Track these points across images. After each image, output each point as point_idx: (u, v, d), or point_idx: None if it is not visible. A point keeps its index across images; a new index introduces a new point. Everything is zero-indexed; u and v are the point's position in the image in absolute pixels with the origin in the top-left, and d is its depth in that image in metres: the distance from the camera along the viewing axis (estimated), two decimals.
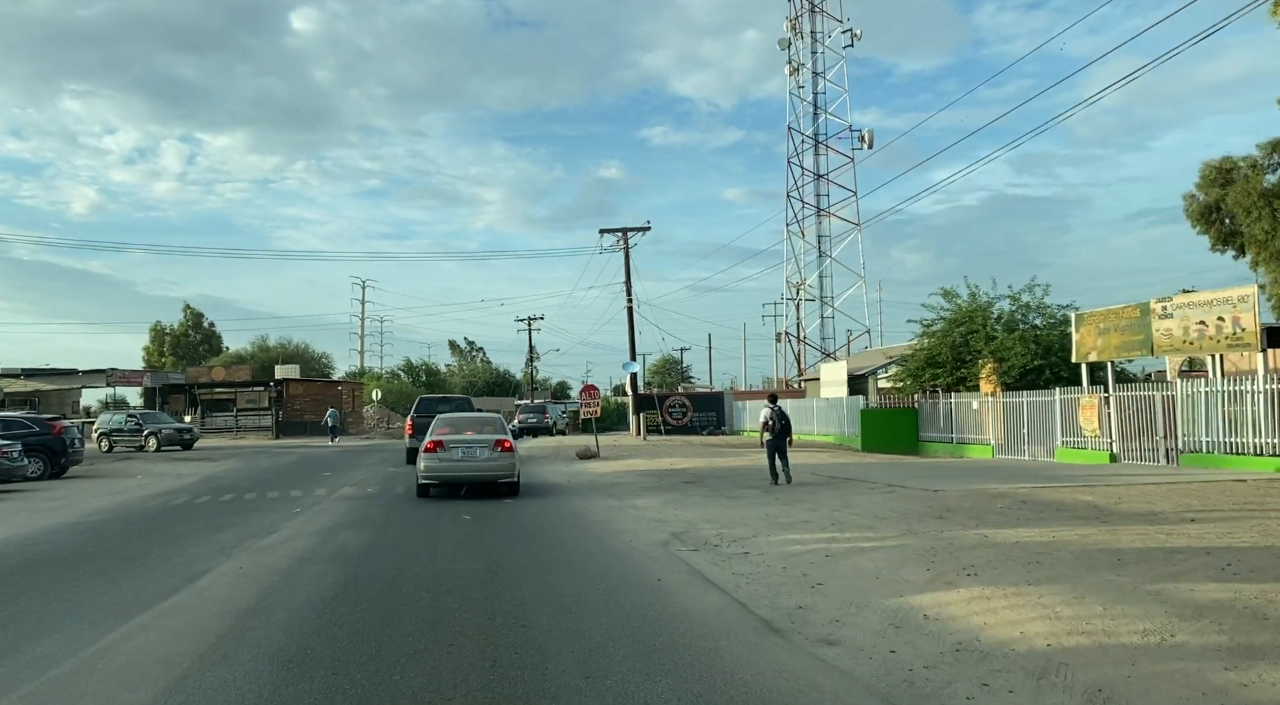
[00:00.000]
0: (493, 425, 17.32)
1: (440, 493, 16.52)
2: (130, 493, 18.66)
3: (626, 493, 16.57)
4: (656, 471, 21.74)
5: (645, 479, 19.60)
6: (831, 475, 19.13)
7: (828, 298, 56.97)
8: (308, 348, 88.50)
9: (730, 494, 15.69)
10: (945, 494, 13.95)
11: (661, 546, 10.26)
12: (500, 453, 15.82)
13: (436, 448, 15.83)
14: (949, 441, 28.57)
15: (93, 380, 55.48)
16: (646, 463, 24.86)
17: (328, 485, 19.30)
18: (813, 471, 20.02)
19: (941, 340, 28.71)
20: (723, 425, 45.10)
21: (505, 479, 15.98)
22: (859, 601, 7.13)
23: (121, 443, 37.40)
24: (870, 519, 11.70)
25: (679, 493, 16.20)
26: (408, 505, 15.22)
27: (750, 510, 13.20)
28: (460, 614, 6.97)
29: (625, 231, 44.66)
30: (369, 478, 21.45)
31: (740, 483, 17.84)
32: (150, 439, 36.62)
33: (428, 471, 15.87)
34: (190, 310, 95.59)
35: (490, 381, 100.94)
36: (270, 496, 17.07)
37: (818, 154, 57.47)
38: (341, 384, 62.11)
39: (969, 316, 28.51)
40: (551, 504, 15.19)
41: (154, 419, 38.95)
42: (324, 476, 22.04)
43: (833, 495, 14.76)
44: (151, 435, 36.68)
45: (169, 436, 36.93)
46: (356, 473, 23.35)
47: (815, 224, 57.22)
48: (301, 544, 10.72)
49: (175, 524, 13.16)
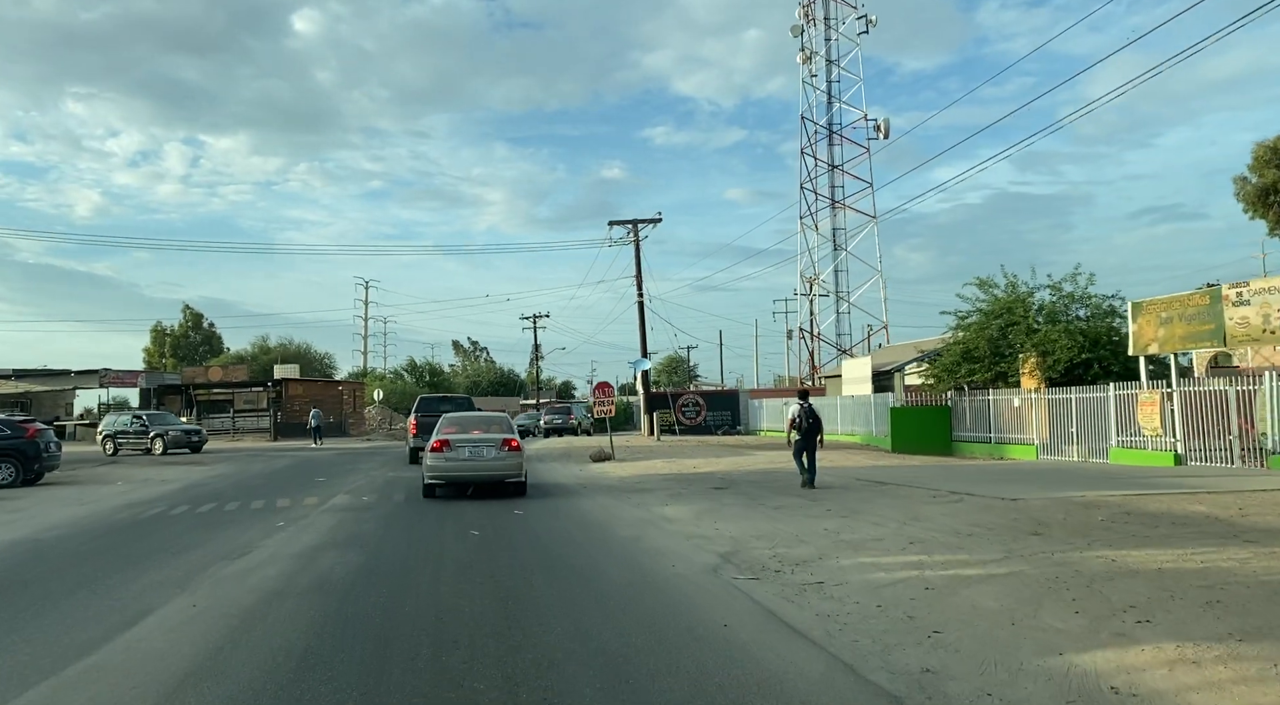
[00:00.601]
0: (500, 424, 16.74)
1: (446, 493, 15.99)
2: (102, 502, 16.88)
3: (652, 501, 14.75)
4: (680, 475, 19.92)
5: (669, 484, 17.78)
6: (877, 480, 17.29)
7: (843, 293, 55.10)
8: (309, 348, 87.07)
9: (771, 502, 13.86)
10: (1027, 504, 12.11)
11: (712, 573, 8.44)
12: (508, 452, 15.51)
13: (443, 447, 15.49)
14: (986, 441, 26.72)
15: (86, 381, 53.81)
16: (666, 465, 23.05)
17: (320, 493, 17.50)
18: (856, 476, 18.22)
19: (978, 333, 26.82)
20: (738, 425, 43.27)
21: (513, 479, 15.69)
22: (1004, 662, 5.30)
23: (128, 445, 35.37)
24: (953, 536, 9.87)
25: (712, 501, 14.38)
26: (408, 516, 13.43)
27: (803, 523, 11.37)
28: (471, 681, 5.16)
29: (635, 223, 42.85)
30: (367, 484, 19.65)
31: (778, 488, 16.02)
32: (156, 441, 34.59)
33: (434, 471, 15.53)
34: (190, 311, 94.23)
35: (495, 381, 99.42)
36: (254, 507, 15.28)
37: (832, 144, 55.64)
38: (342, 384, 60.37)
39: (1008, 308, 26.62)
40: (569, 514, 13.38)
41: (160, 420, 36.77)
42: (318, 483, 20.25)
43: (891, 505, 12.93)
44: (158, 437, 34.63)
45: (176, 439, 34.93)
46: (354, 478, 21.55)
47: (830, 216, 55.36)
48: (276, 570, 8.91)
49: (137, 542, 11.35)
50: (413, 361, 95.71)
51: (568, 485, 18.77)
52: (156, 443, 34.59)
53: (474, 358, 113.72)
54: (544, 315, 77.04)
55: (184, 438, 35.28)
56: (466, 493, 15.96)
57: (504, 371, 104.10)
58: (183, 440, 35.10)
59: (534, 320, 76.58)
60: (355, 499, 16.17)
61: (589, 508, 14.35)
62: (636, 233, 42.73)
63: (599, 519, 12.82)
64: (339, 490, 17.99)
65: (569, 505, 14.76)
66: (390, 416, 67.74)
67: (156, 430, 34.99)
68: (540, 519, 12.86)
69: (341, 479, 21.22)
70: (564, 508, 14.38)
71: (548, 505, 14.67)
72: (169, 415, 40.13)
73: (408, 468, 24.21)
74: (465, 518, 13.04)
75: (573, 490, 17.51)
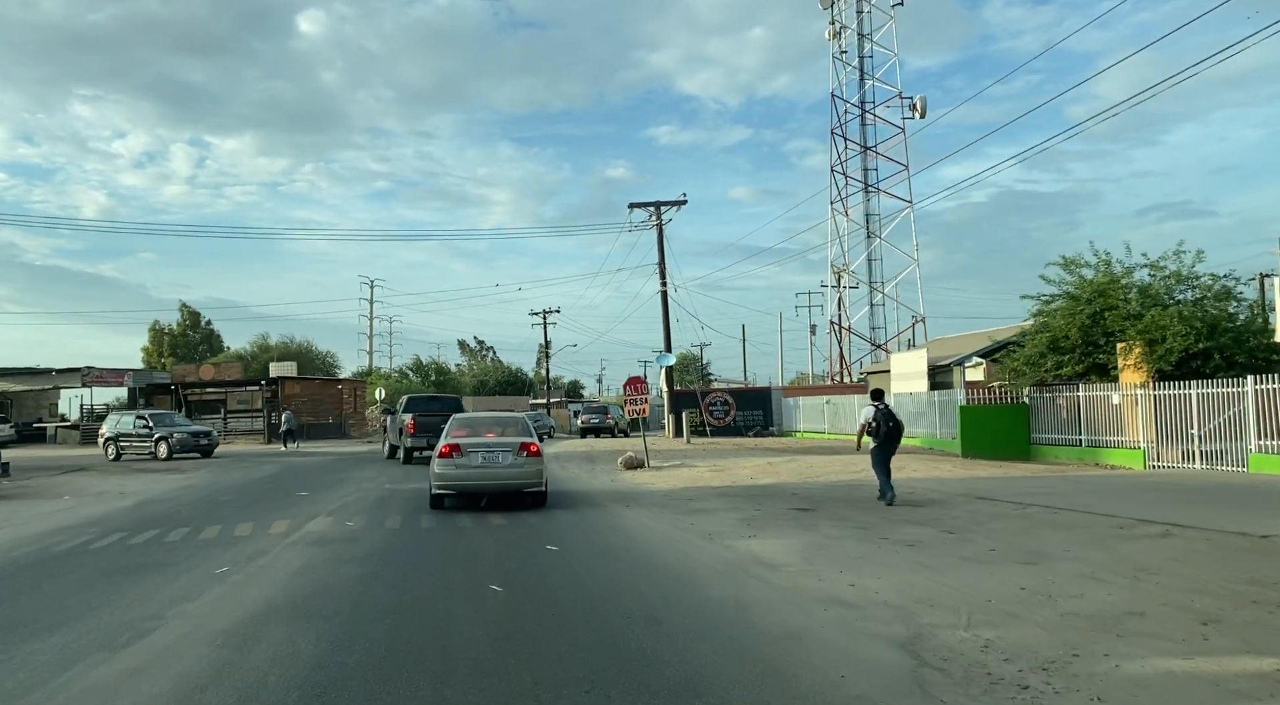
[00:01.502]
0: (516, 426, 15.14)
1: (456, 503, 14.20)
2: (23, 526, 13.38)
3: (725, 528, 11.18)
4: (738, 488, 16.36)
5: (732, 501, 14.21)
6: (990, 496, 13.70)
7: (876, 283, 51.44)
8: (310, 346, 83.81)
9: (894, 533, 10.27)
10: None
11: (917, 695, 4.86)
12: (526, 458, 13.77)
13: (453, 452, 13.69)
14: (1073, 444, 23.15)
15: (68, 380, 50.41)
16: (713, 474, 19.48)
17: (296, 513, 13.96)
18: (954, 490, 14.66)
19: (1069, 320, 23.14)
20: (770, 425, 39.67)
21: (532, 488, 13.92)
22: None
23: (132, 449, 31.73)
24: (1247, 606, 6.29)
25: (807, 530, 10.81)
26: (402, 555, 9.88)
27: (977, 576, 7.78)
28: None
29: (658, 205, 39.33)
30: (356, 499, 16.12)
31: (882, 510, 12.46)
32: (161, 445, 30.91)
33: (443, 480, 13.75)
34: (187, 309, 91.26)
35: (502, 380, 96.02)
36: (204, 536, 11.73)
37: (864, 124, 51.97)
38: (342, 382, 56.85)
39: (1101, 291, 22.97)
40: (622, 551, 9.80)
41: (167, 421, 32.98)
42: (298, 498, 16.71)
43: (1073, 541, 9.32)
44: (162, 440, 30.92)
45: (183, 442, 31.21)
46: (342, 491, 18.03)
47: (862, 202, 51.71)
48: (171, 679, 5.35)
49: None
50: (418, 360, 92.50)
51: (603, 500, 15.22)
52: (161, 446, 30.97)
53: (480, 357, 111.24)
54: (554, 311, 73.56)
55: (192, 440, 31.52)
56: (480, 504, 14.09)
57: (511, 370, 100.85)
58: (190, 443, 31.37)
59: (544, 316, 73.11)
60: (337, 524, 12.61)
61: (645, 539, 10.77)
62: (659, 215, 39.21)
63: (667, 560, 9.23)
64: (320, 510, 14.44)
65: (616, 533, 11.17)
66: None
67: (161, 432, 31.30)
68: (584, 560, 9.29)
69: (327, 492, 17.69)
70: (611, 538, 10.80)
71: (587, 533, 11.11)
72: (177, 416, 35.97)
73: (406, 478, 20.71)
74: (480, 557, 9.50)
75: (612, 508, 13.96)
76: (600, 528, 11.81)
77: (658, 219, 39.06)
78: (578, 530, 11.53)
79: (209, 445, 31.97)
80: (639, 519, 12.67)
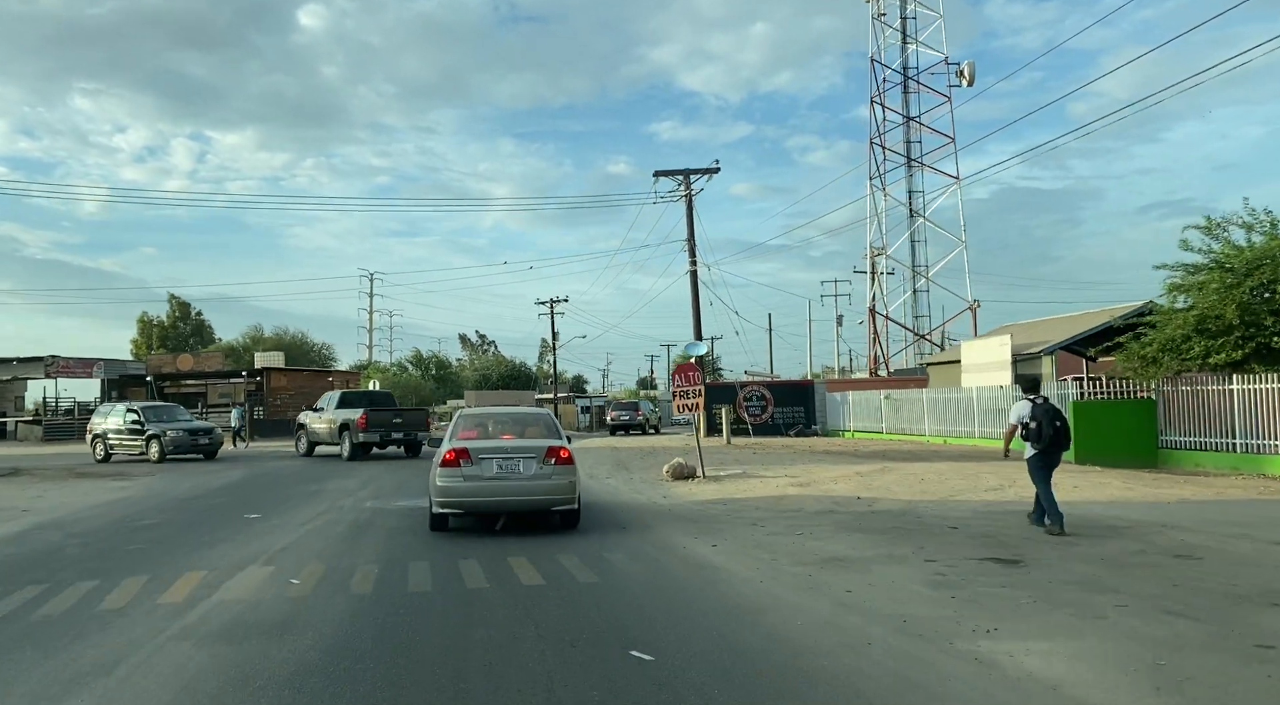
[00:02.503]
0: (540, 425, 12.03)
1: (463, 523, 11.19)
2: None
3: (912, 600, 6.63)
4: (853, 514, 11.81)
5: (872, 540, 9.63)
6: (1251, 533, 9.12)
7: (920, 267, 46.85)
8: (305, 337, 79.26)
9: (1236, 620, 5.73)
10: None
11: None
12: (555, 466, 10.70)
13: (460, 459, 10.55)
14: (1224, 450, 18.66)
15: (30, 370, 45.88)
16: (797, 488, 14.96)
17: (223, 557, 9.39)
18: (1135, 517, 10.14)
19: (1223, 296, 18.52)
20: (813, 424, 35.10)
21: (562, 506, 10.82)
22: None
23: (122, 447, 26.50)
24: None
25: (1067, 609, 6.27)
26: (368, 661, 5.32)
27: None
28: None
29: (687, 174, 34.72)
30: (322, 527, 11.56)
31: (1140, 564, 7.91)
32: (152, 444, 25.72)
33: (447, 496, 10.64)
34: (176, 300, 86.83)
35: (505, 374, 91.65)
36: (45, 612, 7.16)
37: (906, 92, 47.37)
38: (334, 375, 52.19)
39: (1261, 258, 18.40)
40: (776, 665, 5.25)
41: (162, 415, 27.24)
42: (244, 524, 12.15)
43: None
44: (154, 439, 25.72)
45: (178, 441, 25.81)
46: (308, 509, 13.50)
47: (905, 178, 47.12)
48: None
49: None
50: (418, 353, 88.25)
51: (662, 525, 10.72)
52: (152, 446, 25.75)
53: (482, 351, 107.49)
54: (562, 299, 68.89)
55: (188, 440, 26.02)
56: (495, 526, 11.03)
57: (515, 364, 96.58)
58: (187, 443, 26.01)
59: (551, 305, 68.42)
60: (275, 582, 8.00)
61: (793, 627, 6.13)
62: (688, 185, 34.61)
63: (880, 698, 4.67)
64: (264, 548, 9.87)
65: (730, 611, 6.57)
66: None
67: (153, 429, 25.91)
68: (714, 692, 4.73)
69: (288, 514, 13.13)
70: (731, 626, 6.20)
71: (679, 606, 6.54)
72: (177, 409, 29.50)
73: (397, 491, 16.19)
74: (514, 680, 4.92)
75: (683, 544, 9.39)
76: (694, 593, 7.22)
77: (686, 189, 34.46)
78: (660, 599, 6.98)
79: (210, 445, 26.46)
80: (742, 570, 8.09)
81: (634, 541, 9.99)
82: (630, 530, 10.90)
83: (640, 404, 48.61)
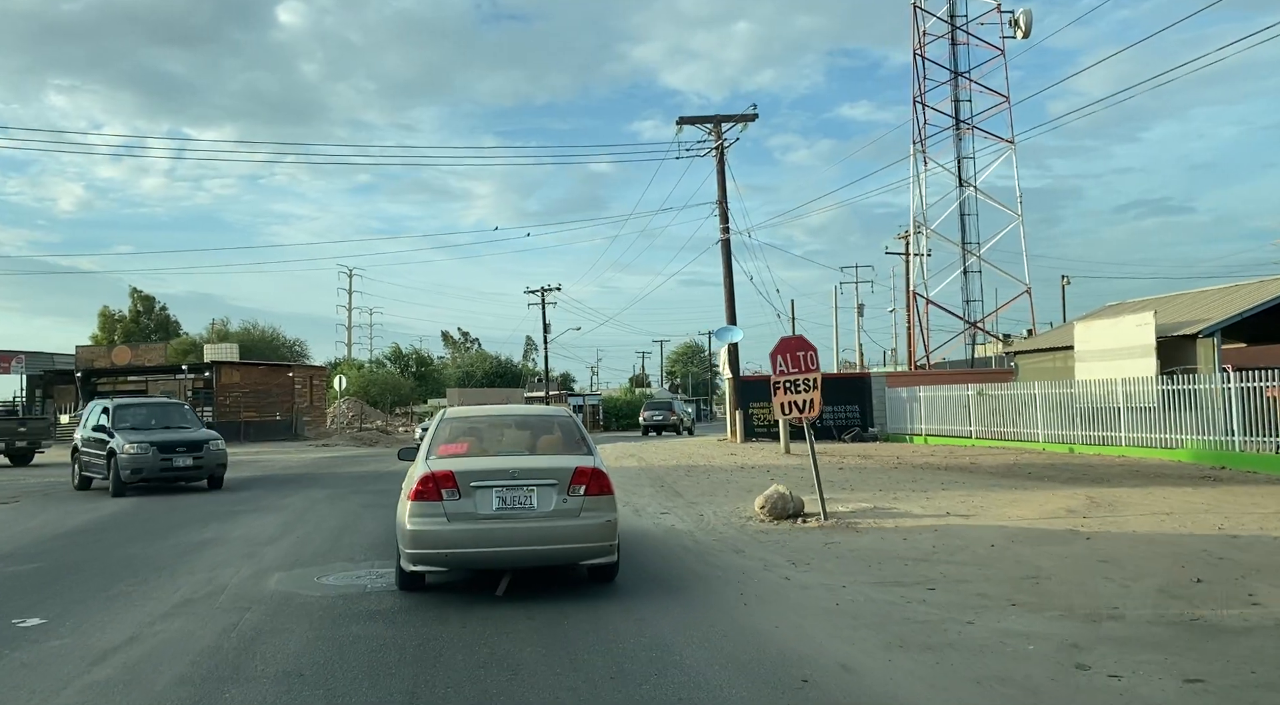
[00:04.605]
0: (558, 432, 7.85)
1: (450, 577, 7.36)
2: None
3: None
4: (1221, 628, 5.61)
5: None
6: None
7: (970, 244, 40.81)
8: (276, 333, 72.31)
9: None
10: None
11: None
12: (585, 498, 6.82)
13: (441, 489, 6.74)
14: None
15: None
16: (1006, 539, 8.76)
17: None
18: None
19: None
20: (870, 426, 28.95)
21: (597, 558, 7.02)
22: None
23: (95, 465, 17.37)
24: None
25: None
26: None
27: None
28: None
29: (718, 120, 28.50)
30: (156, 652, 5.26)
31: None
32: (111, 464, 16.46)
33: (423, 546, 6.75)
34: (138, 294, 80.00)
35: (491, 372, 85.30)
36: None
37: (954, 43, 41.31)
38: (295, 369, 45.48)
39: None
40: None
41: (141, 418, 17.66)
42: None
43: None
44: (111, 457, 16.57)
45: (139, 462, 16.30)
46: (152, 601, 7.17)
47: (954, 141, 41.08)
48: None
49: None
50: (397, 348, 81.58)
51: (850, 646, 4.50)
52: (111, 466, 16.45)
53: (464, 348, 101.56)
54: (554, 288, 62.53)
55: (155, 461, 16.47)
56: (496, 591, 6.96)
57: (502, 361, 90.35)
58: (154, 467, 16.54)
59: (542, 294, 62.07)
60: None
61: None
62: (720, 134, 28.37)
63: None
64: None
65: None
66: (363, 412, 53.29)
67: (116, 442, 16.46)
68: None
69: (94, 620, 6.77)
70: None
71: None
72: (176, 410, 19.36)
73: (331, 550, 9.88)
74: None
75: None
76: None
77: (718, 138, 28.22)
78: None
79: (197, 469, 16.95)
80: None
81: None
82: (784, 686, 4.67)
83: (674, 403, 46.05)
